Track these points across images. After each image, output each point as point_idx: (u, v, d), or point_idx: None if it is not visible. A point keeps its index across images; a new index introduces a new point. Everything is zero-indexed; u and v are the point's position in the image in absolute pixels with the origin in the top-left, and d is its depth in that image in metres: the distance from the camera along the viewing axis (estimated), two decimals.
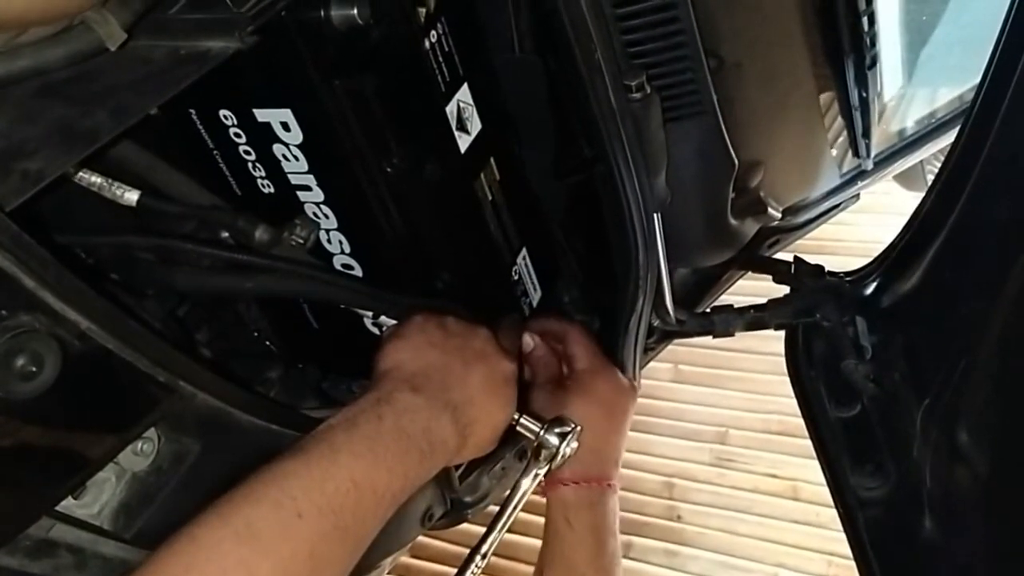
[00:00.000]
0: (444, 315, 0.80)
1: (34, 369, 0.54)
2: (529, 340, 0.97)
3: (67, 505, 0.62)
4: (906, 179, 2.40)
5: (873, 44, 1.01)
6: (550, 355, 0.98)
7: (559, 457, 0.83)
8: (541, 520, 0.92)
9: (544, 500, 0.93)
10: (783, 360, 1.06)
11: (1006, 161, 0.79)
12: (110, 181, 0.78)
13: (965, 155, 0.82)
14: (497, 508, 0.87)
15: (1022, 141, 0.77)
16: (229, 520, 0.56)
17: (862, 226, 2.75)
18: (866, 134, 1.12)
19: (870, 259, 0.99)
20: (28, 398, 0.54)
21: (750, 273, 1.23)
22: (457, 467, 0.98)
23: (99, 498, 0.64)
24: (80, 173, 0.75)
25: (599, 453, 0.90)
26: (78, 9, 0.55)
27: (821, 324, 1.00)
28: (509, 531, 0.85)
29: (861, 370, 0.93)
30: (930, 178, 1.88)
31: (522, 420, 0.83)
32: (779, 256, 1.26)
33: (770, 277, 1.11)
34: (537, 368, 0.97)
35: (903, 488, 0.90)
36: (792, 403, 1.04)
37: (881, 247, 0.97)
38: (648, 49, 0.83)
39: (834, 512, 0.98)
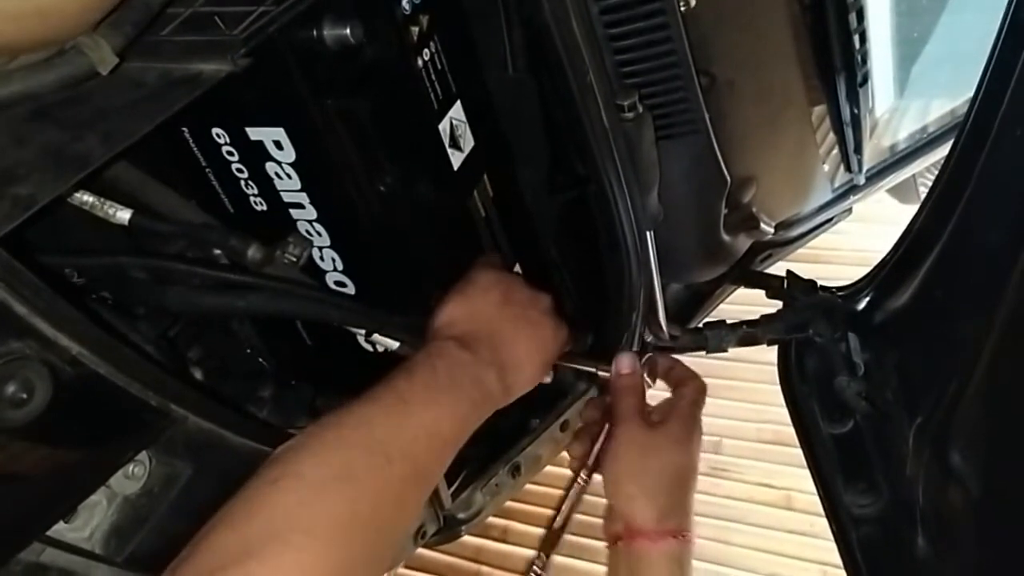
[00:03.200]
0: (511, 281, 0.85)
1: (25, 396, 0.53)
2: (629, 364, 0.93)
3: (58, 529, 0.62)
4: (899, 192, 2.41)
5: (864, 61, 1.02)
6: (641, 385, 0.93)
7: None
8: (535, 530, 0.92)
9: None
10: (776, 370, 1.06)
11: (999, 178, 0.79)
12: (102, 200, 0.77)
13: (958, 171, 0.82)
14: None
15: (1015, 158, 0.77)
16: (330, 462, 0.61)
17: (855, 235, 2.75)
18: (858, 149, 1.13)
19: (863, 268, 0.99)
20: (19, 425, 0.53)
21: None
22: (449, 484, 0.98)
23: (90, 522, 0.64)
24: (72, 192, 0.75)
25: (688, 502, 0.88)
26: (69, 35, 0.55)
27: (814, 340, 0.99)
28: (503, 541, 0.86)
29: (853, 387, 0.93)
30: (922, 191, 1.90)
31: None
32: (772, 268, 1.26)
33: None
34: (623, 392, 0.92)
35: (896, 506, 0.90)
36: (786, 413, 1.04)
37: (874, 256, 0.97)
38: (640, 68, 0.83)
39: None
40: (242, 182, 0.82)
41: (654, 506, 0.85)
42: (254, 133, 0.78)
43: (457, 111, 0.87)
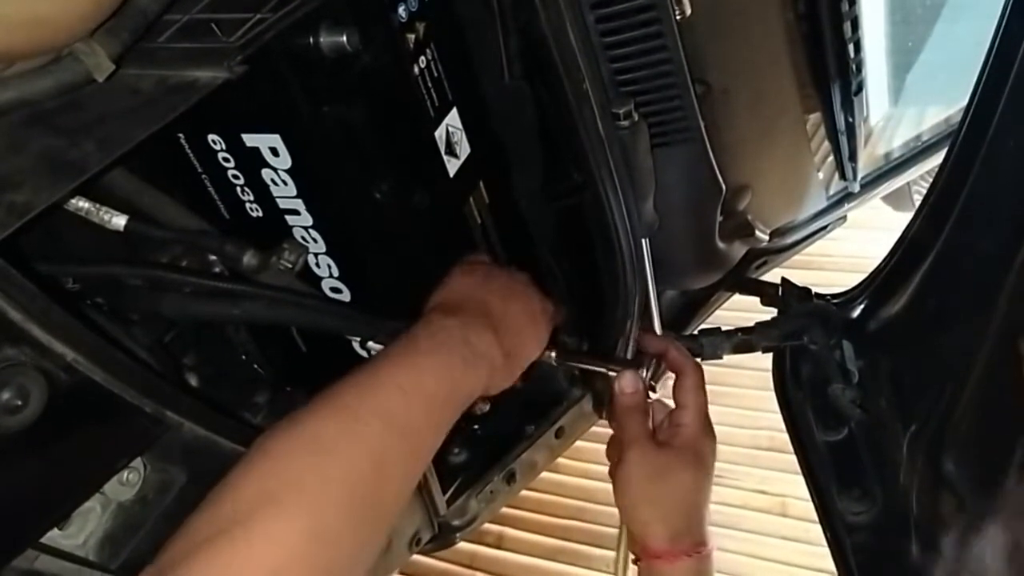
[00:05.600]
0: (489, 263, 0.86)
1: (19, 403, 0.53)
2: (632, 384, 0.92)
3: (52, 536, 0.62)
4: (893, 200, 2.42)
5: (859, 70, 1.03)
6: (645, 404, 0.92)
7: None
8: (530, 536, 0.92)
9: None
10: (771, 376, 1.07)
11: (993, 188, 0.79)
12: (98, 206, 0.77)
13: (951, 181, 0.82)
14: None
15: (1008, 168, 0.78)
16: (296, 432, 0.61)
17: (850, 241, 2.76)
18: (852, 157, 1.13)
19: (858, 274, 0.99)
20: (13, 432, 0.54)
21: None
22: (444, 491, 0.98)
23: (84, 528, 0.64)
24: None
25: (702, 518, 0.88)
26: (65, 42, 0.55)
27: (808, 347, 1.00)
28: (498, 547, 0.86)
29: (848, 395, 0.93)
30: (917, 199, 1.90)
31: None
32: (768, 275, 1.26)
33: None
34: (626, 413, 0.92)
35: (890, 514, 0.90)
36: (781, 419, 1.05)
37: (869, 262, 0.98)
38: (636, 77, 0.84)
39: None
40: (238, 188, 0.83)
41: (667, 529, 0.86)
42: (250, 140, 0.78)
43: (453, 118, 0.87)
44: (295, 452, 0.59)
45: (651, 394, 0.94)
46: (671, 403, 0.95)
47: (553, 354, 0.88)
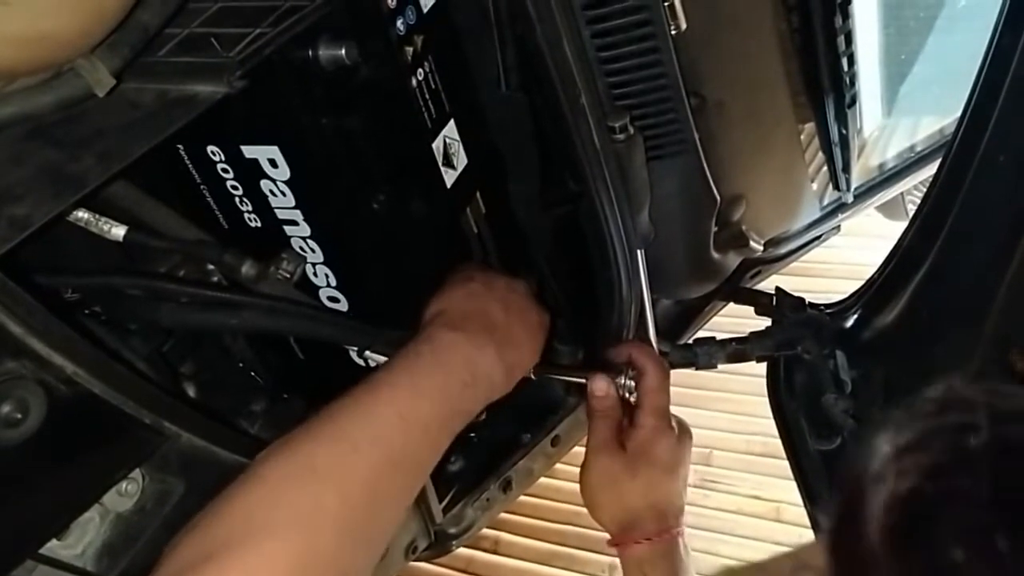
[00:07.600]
0: (488, 269, 0.86)
1: (19, 416, 0.54)
2: (602, 388, 0.91)
3: (51, 546, 0.62)
4: (887, 209, 2.43)
5: (853, 83, 1.03)
6: (614, 408, 0.93)
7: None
8: (526, 542, 0.92)
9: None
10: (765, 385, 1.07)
11: (983, 202, 0.80)
12: (97, 216, 0.78)
13: (943, 195, 0.83)
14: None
15: (999, 183, 0.78)
16: (292, 458, 0.60)
17: (846, 249, 2.76)
18: (846, 168, 1.14)
19: (853, 282, 1.00)
20: (13, 444, 0.54)
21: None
22: (440, 499, 0.99)
23: (83, 539, 0.64)
24: None
25: (663, 510, 0.89)
26: (68, 58, 0.56)
27: (802, 357, 1.01)
28: (494, 552, 0.87)
29: (841, 404, 0.94)
30: (911, 208, 1.91)
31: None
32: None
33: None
34: (594, 416, 0.92)
35: None
36: (775, 426, 1.05)
37: (864, 270, 0.98)
38: (631, 91, 0.84)
39: None
40: (237, 199, 0.83)
41: (614, 524, 0.90)
42: (249, 151, 0.78)
43: (451, 130, 0.88)
44: (290, 479, 0.59)
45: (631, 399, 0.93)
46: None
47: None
